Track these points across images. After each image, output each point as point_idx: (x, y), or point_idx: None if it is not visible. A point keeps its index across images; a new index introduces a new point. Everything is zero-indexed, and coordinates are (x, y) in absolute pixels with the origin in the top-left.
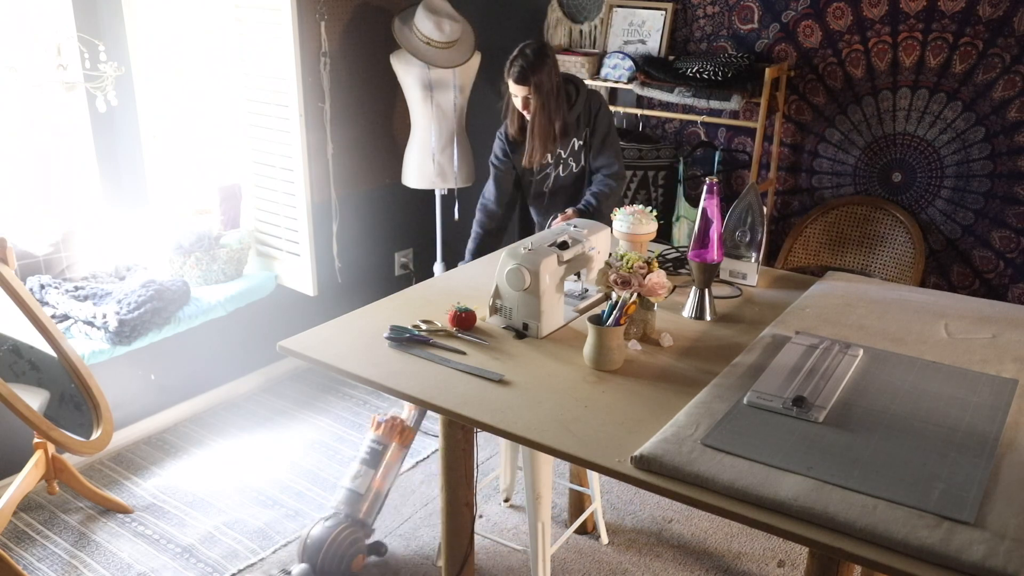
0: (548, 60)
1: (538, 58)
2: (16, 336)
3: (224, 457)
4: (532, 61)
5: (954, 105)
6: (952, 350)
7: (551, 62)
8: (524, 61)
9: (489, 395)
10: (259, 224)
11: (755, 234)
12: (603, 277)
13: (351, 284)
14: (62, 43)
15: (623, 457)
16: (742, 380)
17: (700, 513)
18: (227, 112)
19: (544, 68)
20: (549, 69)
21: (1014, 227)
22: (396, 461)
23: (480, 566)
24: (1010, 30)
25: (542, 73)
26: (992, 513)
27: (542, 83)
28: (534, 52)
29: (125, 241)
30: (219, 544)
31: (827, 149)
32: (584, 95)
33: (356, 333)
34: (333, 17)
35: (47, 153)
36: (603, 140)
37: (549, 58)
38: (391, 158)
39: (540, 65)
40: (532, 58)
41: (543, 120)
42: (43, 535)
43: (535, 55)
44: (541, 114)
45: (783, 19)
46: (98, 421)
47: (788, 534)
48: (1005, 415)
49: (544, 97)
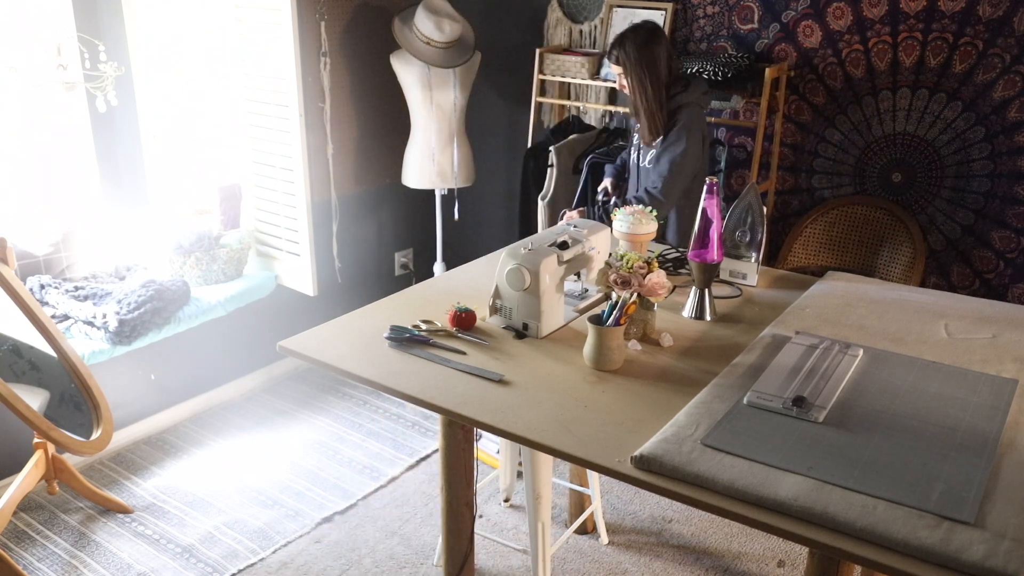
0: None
1: (625, 35)
2: (16, 336)
3: (224, 457)
4: (619, 38)
5: (954, 105)
6: (952, 350)
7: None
8: (619, 45)
9: (489, 395)
10: (259, 224)
11: (755, 234)
12: (603, 277)
13: (351, 284)
14: (62, 43)
15: (623, 457)
16: (742, 380)
17: (700, 513)
18: (227, 112)
19: (628, 44)
20: (634, 44)
21: (1014, 227)
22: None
23: (480, 566)
24: (1010, 30)
25: (624, 48)
26: (992, 513)
27: (624, 59)
28: (627, 31)
29: (125, 241)
30: (219, 544)
31: (827, 149)
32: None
33: (356, 333)
34: (333, 17)
35: (47, 153)
36: (662, 154)
37: (638, 36)
38: (391, 158)
39: (624, 41)
40: (620, 37)
41: (638, 96)
42: (43, 535)
43: (624, 34)
44: (639, 92)
45: (783, 19)
46: (98, 421)
47: (788, 534)
48: (1005, 415)
49: (632, 74)
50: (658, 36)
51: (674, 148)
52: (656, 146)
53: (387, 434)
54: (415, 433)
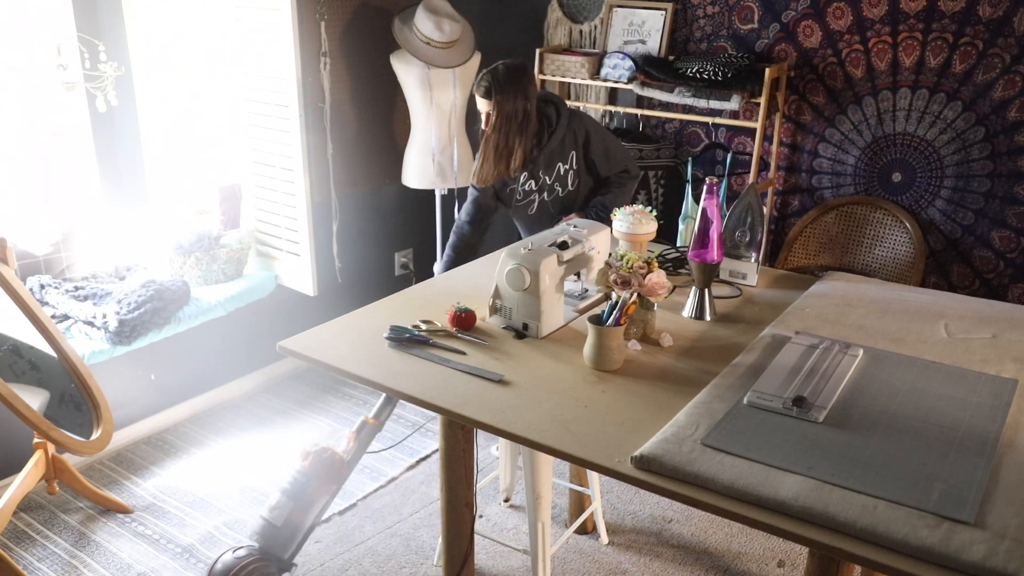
0: (519, 83)
1: (509, 78)
2: (16, 336)
3: (224, 457)
4: (501, 80)
5: (954, 105)
6: (952, 350)
7: (522, 86)
8: (492, 77)
9: (489, 395)
10: (259, 224)
11: (755, 234)
12: (603, 277)
13: (351, 284)
14: (62, 43)
15: (623, 457)
16: (742, 380)
17: (700, 513)
18: (227, 112)
19: (511, 90)
20: (517, 92)
21: (1014, 227)
22: (322, 497)
23: (480, 566)
24: (1010, 30)
25: (507, 94)
26: (992, 513)
27: (503, 104)
28: (506, 71)
29: (125, 241)
30: (219, 544)
31: (827, 149)
32: (565, 118)
33: (356, 333)
34: (333, 17)
35: (47, 153)
36: (605, 153)
37: (520, 81)
38: (391, 158)
39: (508, 86)
40: (503, 77)
41: (498, 140)
42: (43, 535)
43: (506, 75)
44: (497, 133)
45: (783, 19)
46: (98, 421)
47: (788, 534)
48: (1005, 415)
49: (504, 118)
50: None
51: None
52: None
53: (387, 434)
54: (415, 433)
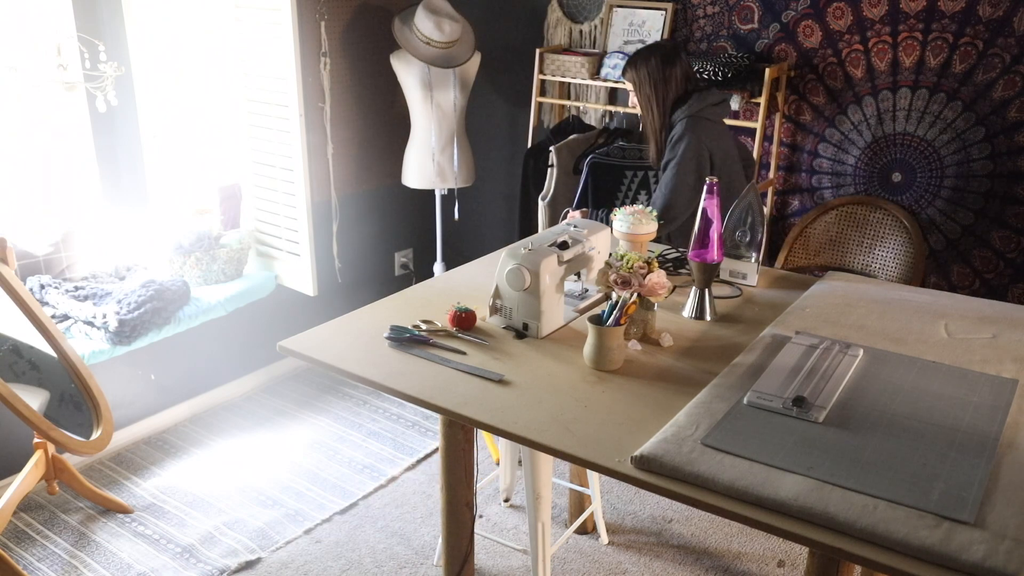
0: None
1: (640, 54)
2: (16, 336)
3: (224, 457)
4: (634, 56)
5: (954, 105)
6: (952, 350)
7: (655, 60)
8: (629, 59)
9: (489, 395)
10: (259, 224)
11: (755, 234)
12: (603, 277)
13: (351, 284)
14: (62, 43)
15: (623, 457)
16: (742, 380)
17: (700, 513)
18: (227, 112)
19: (640, 64)
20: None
21: (1014, 227)
22: None
23: (480, 566)
24: (1010, 30)
25: (636, 68)
26: (992, 513)
27: (636, 79)
28: (643, 49)
29: (125, 241)
30: (219, 544)
31: (827, 149)
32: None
33: (356, 333)
34: (333, 17)
35: (47, 153)
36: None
37: (654, 56)
38: (391, 158)
39: (637, 60)
40: (636, 53)
41: (646, 115)
42: (43, 535)
43: (641, 51)
44: (644, 110)
45: (783, 19)
46: (98, 421)
47: (788, 534)
48: (1005, 415)
49: (640, 94)
50: (672, 58)
51: (669, 167)
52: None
53: (387, 434)
54: (415, 433)
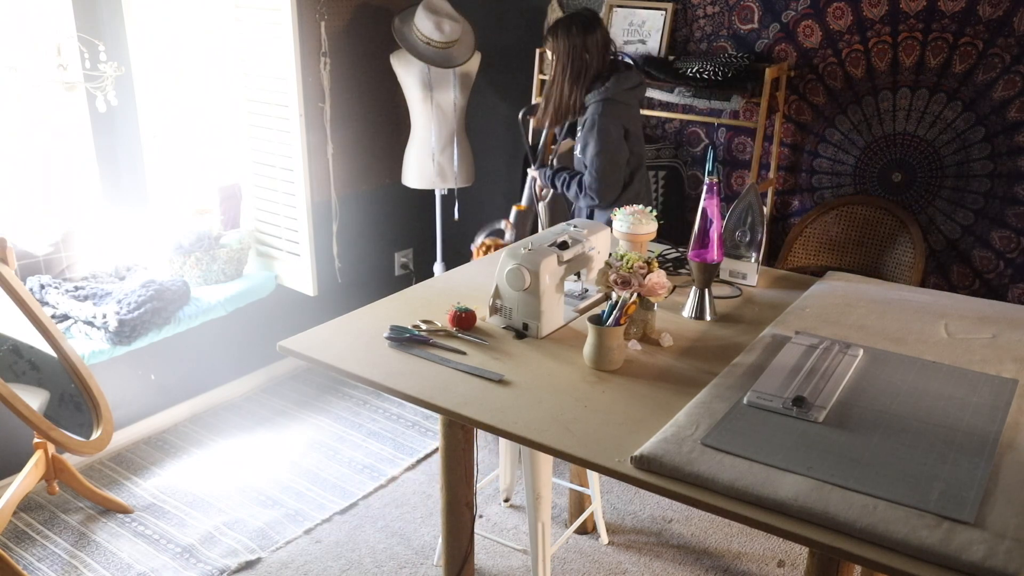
0: (572, 28)
1: (563, 23)
2: (16, 336)
3: (224, 457)
4: (556, 24)
5: (954, 105)
6: (952, 350)
7: (575, 32)
8: (555, 21)
9: (489, 395)
10: (259, 224)
11: (755, 234)
12: (603, 277)
13: (351, 284)
14: (62, 43)
15: (623, 457)
16: (742, 380)
17: (700, 513)
18: (227, 112)
19: (562, 34)
20: (569, 37)
21: (1014, 227)
22: None
23: (480, 566)
24: (1010, 30)
25: (558, 38)
26: (992, 513)
27: (557, 48)
28: (566, 16)
29: (125, 241)
30: (219, 544)
31: (827, 149)
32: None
33: (356, 333)
34: (333, 17)
35: (47, 153)
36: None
37: (574, 27)
38: (391, 158)
39: (560, 29)
40: (559, 21)
41: (555, 87)
42: (43, 535)
43: (563, 19)
44: (553, 80)
45: (783, 19)
46: (98, 421)
47: (788, 534)
48: (1005, 415)
49: (557, 63)
50: (592, 25)
51: (590, 151)
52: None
53: (387, 434)
54: (415, 433)
